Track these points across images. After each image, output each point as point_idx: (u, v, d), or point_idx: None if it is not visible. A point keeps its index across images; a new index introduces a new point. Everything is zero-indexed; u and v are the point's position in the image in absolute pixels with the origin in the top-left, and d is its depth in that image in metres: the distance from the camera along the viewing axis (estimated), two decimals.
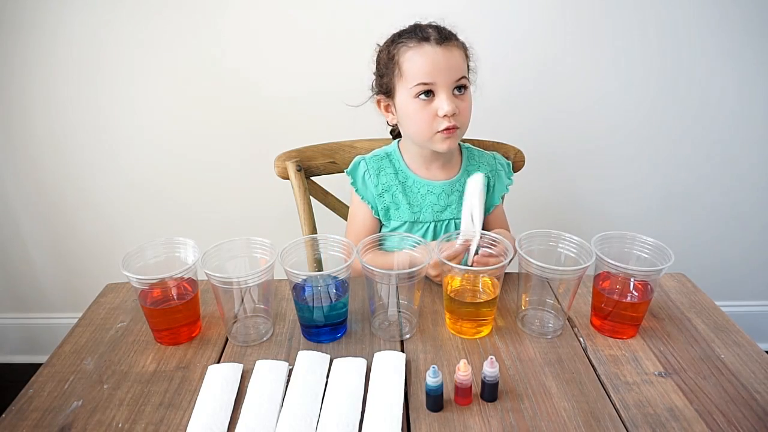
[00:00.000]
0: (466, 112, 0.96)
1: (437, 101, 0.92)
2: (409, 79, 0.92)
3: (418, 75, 0.91)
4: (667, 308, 0.88)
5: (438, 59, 0.91)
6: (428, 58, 0.91)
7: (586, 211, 1.64)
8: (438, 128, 0.93)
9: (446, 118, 0.92)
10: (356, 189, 1.05)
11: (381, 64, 0.98)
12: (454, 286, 0.83)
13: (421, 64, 0.91)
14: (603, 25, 1.40)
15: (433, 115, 0.93)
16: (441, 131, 0.94)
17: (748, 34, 1.41)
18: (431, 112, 0.93)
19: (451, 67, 0.92)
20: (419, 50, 0.92)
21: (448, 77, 0.91)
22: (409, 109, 0.94)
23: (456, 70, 0.92)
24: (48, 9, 1.35)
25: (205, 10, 1.36)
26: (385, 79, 0.97)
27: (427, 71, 0.91)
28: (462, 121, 0.95)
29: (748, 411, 0.67)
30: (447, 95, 0.92)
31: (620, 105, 1.49)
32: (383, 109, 1.02)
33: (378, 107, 1.03)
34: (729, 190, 1.61)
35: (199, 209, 1.59)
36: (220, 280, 0.76)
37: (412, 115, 0.95)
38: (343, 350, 0.79)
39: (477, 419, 0.66)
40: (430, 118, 0.93)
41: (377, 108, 1.03)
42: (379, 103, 1.02)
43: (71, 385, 0.72)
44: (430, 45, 0.91)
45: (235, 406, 0.68)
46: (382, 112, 1.03)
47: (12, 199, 1.59)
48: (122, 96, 1.45)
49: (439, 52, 0.91)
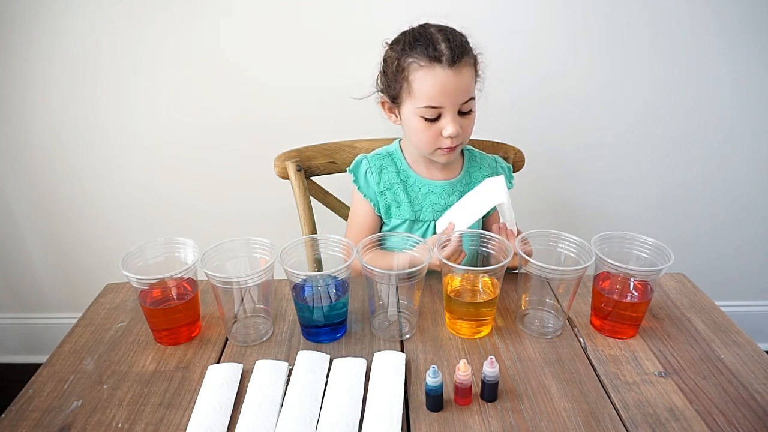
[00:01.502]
0: (469, 129, 0.97)
1: (442, 122, 0.93)
2: (418, 98, 0.92)
3: (426, 97, 0.91)
4: (667, 308, 0.88)
5: (448, 83, 0.90)
6: (438, 82, 0.90)
7: (586, 211, 1.64)
8: (440, 146, 0.95)
9: (449, 139, 0.93)
10: (358, 186, 1.05)
11: (389, 72, 0.97)
12: (454, 286, 0.83)
13: (430, 86, 0.90)
14: (603, 26, 1.40)
15: (437, 135, 0.94)
16: (442, 148, 0.95)
17: (749, 34, 1.40)
18: (436, 131, 0.94)
19: (459, 90, 0.91)
20: (430, 72, 0.90)
21: (455, 100, 0.91)
22: (414, 123, 0.95)
23: (464, 93, 0.92)
24: (48, 8, 1.35)
25: (204, 10, 1.36)
26: (392, 88, 0.97)
27: (435, 95, 0.91)
28: (464, 138, 0.96)
29: (748, 411, 0.67)
30: (453, 117, 0.92)
31: (620, 105, 1.49)
32: (387, 110, 1.02)
33: (382, 108, 1.03)
34: (729, 190, 1.61)
35: (199, 209, 1.59)
36: (220, 280, 0.76)
37: (416, 130, 0.95)
38: (343, 350, 0.79)
39: (477, 419, 0.66)
40: (434, 137, 0.94)
41: (380, 108, 1.03)
42: (383, 104, 1.02)
43: (71, 385, 0.73)
44: (442, 67, 0.89)
45: (235, 406, 0.68)
46: (385, 113, 1.03)
47: (12, 199, 1.59)
48: (122, 96, 1.45)
49: (450, 75, 0.90)
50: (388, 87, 0.98)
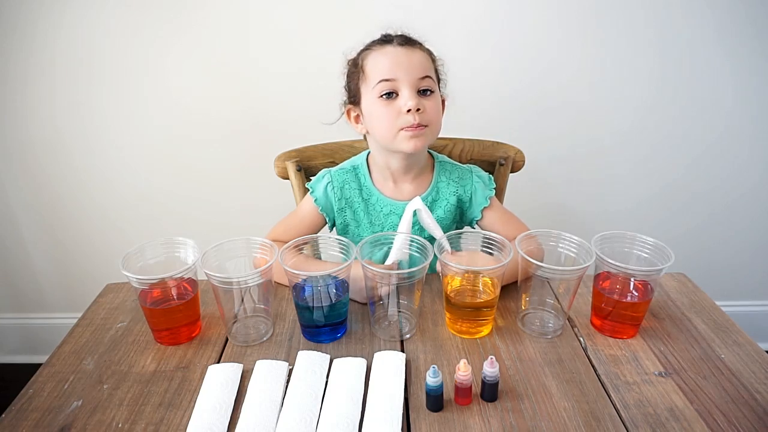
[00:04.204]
0: (433, 112, 0.93)
1: (401, 99, 0.91)
2: (372, 78, 0.92)
3: (379, 73, 0.92)
4: (667, 308, 0.88)
5: (399, 57, 0.91)
6: (389, 56, 0.92)
7: (586, 210, 1.64)
8: (402, 125, 0.91)
9: (411, 114, 0.90)
10: (315, 199, 1.02)
11: (348, 74, 0.99)
12: (454, 286, 0.83)
13: (382, 62, 0.92)
14: (603, 26, 1.40)
15: (397, 112, 0.91)
16: (405, 128, 0.91)
17: (747, 32, 1.40)
18: (395, 110, 0.91)
19: (413, 63, 0.91)
20: (381, 51, 0.93)
21: (410, 74, 0.91)
22: (374, 109, 0.93)
23: (419, 68, 0.92)
24: (49, 8, 1.35)
25: (205, 11, 1.36)
26: (351, 86, 0.97)
27: (388, 68, 0.91)
28: (429, 120, 0.92)
29: (748, 411, 0.67)
30: (410, 93, 0.90)
31: (621, 105, 1.49)
32: (353, 120, 1.00)
33: (348, 119, 1.01)
34: (729, 189, 1.61)
35: (199, 209, 1.59)
36: (220, 280, 0.76)
37: (376, 115, 0.93)
38: (343, 350, 0.79)
39: (477, 419, 0.66)
40: (394, 115, 0.91)
41: (348, 120, 1.01)
42: (348, 114, 1.01)
43: (71, 385, 0.72)
44: (392, 46, 0.93)
45: (235, 406, 0.68)
46: (352, 124, 1.01)
47: (12, 200, 1.59)
48: (122, 96, 1.45)
49: (400, 51, 0.92)
50: (348, 91, 0.99)
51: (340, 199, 1.02)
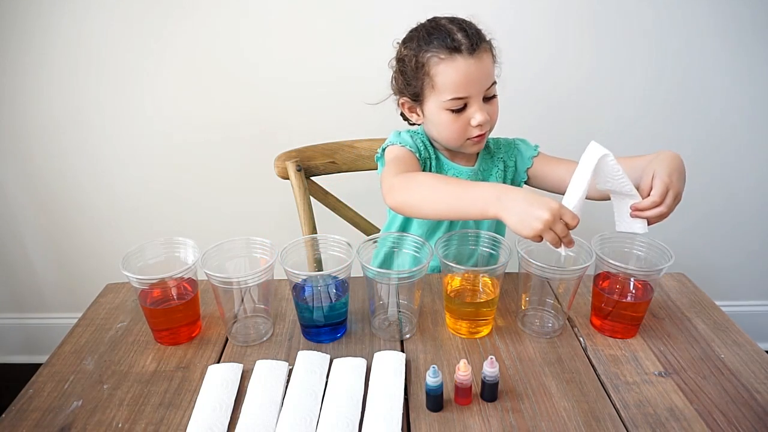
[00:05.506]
0: (495, 115, 0.96)
1: (470, 111, 0.92)
2: (443, 92, 0.91)
3: (452, 89, 0.90)
4: (667, 308, 0.88)
5: (471, 71, 0.89)
6: (461, 72, 0.89)
7: (587, 210, 1.63)
8: (470, 135, 0.94)
9: (478, 126, 0.92)
10: (405, 144, 0.99)
11: (407, 71, 0.95)
12: (454, 286, 0.83)
13: (455, 77, 0.89)
14: (605, 26, 1.40)
15: (466, 125, 0.93)
16: (472, 138, 0.94)
17: (747, 31, 1.40)
18: (464, 122, 0.92)
19: (483, 77, 0.91)
20: (452, 63, 0.89)
21: (480, 88, 0.91)
22: (441, 118, 0.93)
23: (487, 79, 0.92)
24: (48, 7, 1.35)
25: (205, 10, 1.36)
26: (412, 86, 0.95)
27: (461, 85, 0.90)
28: (492, 124, 0.96)
29: (748, 411, 0.67)
30: (479, 105, 0.91)
31: (622, 105, 1.49)
32: (407, 110, 1.00)
33: (402, 108, 1.01)
34: (729, 189, 1.61)
35: (199, 209, 1.59)
36: (220, 280, 0.76)
37: (444, 124, 0.94)
38: (343, 350, 0.79)
39: (477, 419, 0.66)
40: (463, 128, 0.93)
41: (400, 108, 1.01)
42: (403, 105, 1.00)
43: (71, 385, 0.72)
44: (462, 57, 0.89)
45: (235, 406, 0.68)
46: (405, 113, 1.01)
47: (12, 199, 1.59)
48: (122, 96, 1.45)
49: (471, 63, 0.89)
50: (407, 86, 0.96)
51: (424, 149, 1.01)
